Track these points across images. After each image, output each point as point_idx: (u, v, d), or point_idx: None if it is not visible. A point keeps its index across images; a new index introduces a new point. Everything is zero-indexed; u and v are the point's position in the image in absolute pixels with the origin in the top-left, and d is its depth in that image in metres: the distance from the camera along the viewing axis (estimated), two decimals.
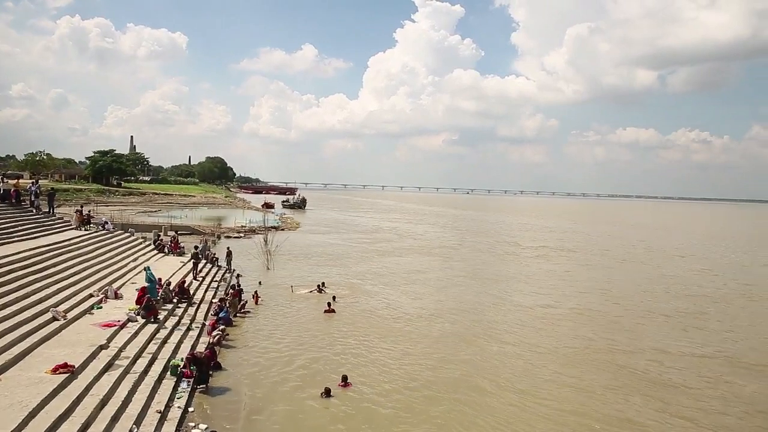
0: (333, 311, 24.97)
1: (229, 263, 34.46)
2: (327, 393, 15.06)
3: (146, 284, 20.32)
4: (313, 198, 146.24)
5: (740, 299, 32.20)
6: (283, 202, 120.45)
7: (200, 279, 28.49)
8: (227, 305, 22.78)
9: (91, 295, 20.23)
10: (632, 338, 22.59)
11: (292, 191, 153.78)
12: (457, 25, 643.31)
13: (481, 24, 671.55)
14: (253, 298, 25.95)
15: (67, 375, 12.67)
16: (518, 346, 20.58)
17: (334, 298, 27.06)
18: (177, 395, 14.10)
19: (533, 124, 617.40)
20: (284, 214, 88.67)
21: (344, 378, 16.08)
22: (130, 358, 14.99)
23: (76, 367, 13.19)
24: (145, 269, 21.66)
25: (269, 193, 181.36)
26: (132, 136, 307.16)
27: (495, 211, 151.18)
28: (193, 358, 15.36)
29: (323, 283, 29.64)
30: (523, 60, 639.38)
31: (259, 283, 30.69)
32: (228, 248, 37.03)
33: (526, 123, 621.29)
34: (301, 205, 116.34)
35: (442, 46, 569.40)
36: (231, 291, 25.39)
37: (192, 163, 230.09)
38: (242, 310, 24.04)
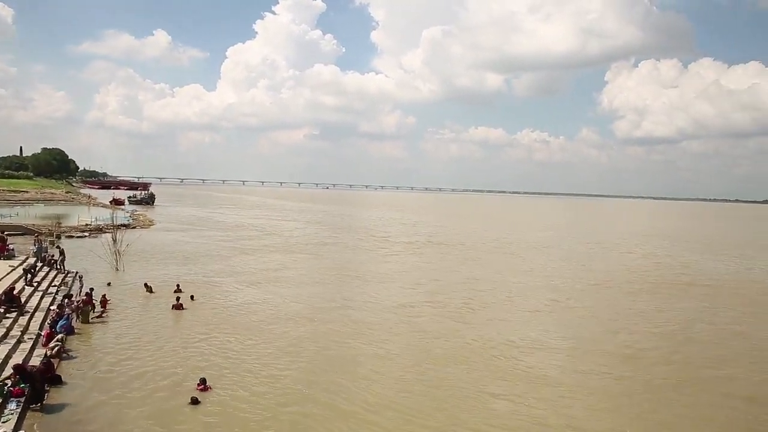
0: (181, 306, 24.33)
1: (61, 264, 31.32)
2: (194, 401, 14.28)
3: None
4: (168, 194, 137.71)
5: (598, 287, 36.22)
6: (129, 197, 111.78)
7: (35, 284, 25.46)
8: (76, 312, 20.76)
9: None
10: (498, 331, 24.28)
11: (144, 186, 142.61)
12: (318, 20, 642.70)
13: (342, 20, 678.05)
14: (101, 302, 23.75)
15: None
16: (384, 344, 20.61)
17: (192, 297, 26.02)
18: (3, 418, 12.47)
19: (392, 121, 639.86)
20: (136, 210, 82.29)
21: (203, 381, 15.41)
22: None
23: None
24: None
25: (119, 189, 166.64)
26: None
27: (358, 206, 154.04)
28: (21, 373, 13.64)
29: (178, 285, 28.07)
30: (383, 58, 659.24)
31: (108, 284, 28.34)
32: (59, 247, 33.66)
33: (385, 119, 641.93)
34: (149, 200, 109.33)
35: (303, 40, 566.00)
36: (83, 297, 23.06)
37: (24, 155, 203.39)
38: (99, 317, 22.28)
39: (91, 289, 24.50)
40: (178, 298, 25.10)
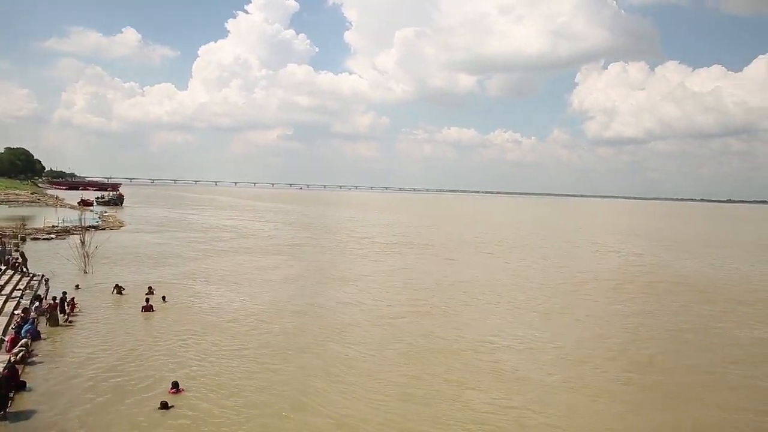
0: (151, 308, 24.10)
1: (23, 267, 30.55)
2: (164, 406, 13.99)
3: None
4: (140, 195, 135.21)
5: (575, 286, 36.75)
6: (97, 198, 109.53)
7: None
8: (44, 316, 20.30)
9: None
10: (476, 331, 24.42)
11: (114, 187, 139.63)
12: (291, 19, 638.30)
13: (315, 21, 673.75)
14: (68, 305, 23.16)
15: None
16: (360, 346, 20.42)
17: (164, 298, 25.73)
18: None
19: (366, 121, 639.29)
20: (105, 212, 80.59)
21: (175, 384, 15.18)
22: None
23: None
24: None
25: (87, 189, 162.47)
26: None
27: (332, 207, 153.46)
28: None
29: (150, 288, 27.61)
30: (356, 58, 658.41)
31: (76, 287, 27.72)
32: (20, 250, 32.77)
33: (359, 120, 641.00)
34: (117, 201, 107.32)
35: (276, 39, 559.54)
36: (51, 301, 22.46)
37: None
38: (68, 321, 21.86)
39: (64, 293, 23.91)
40: (147, 300, 24.79)
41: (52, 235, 50.54)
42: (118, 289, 27.06)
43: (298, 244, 53.67)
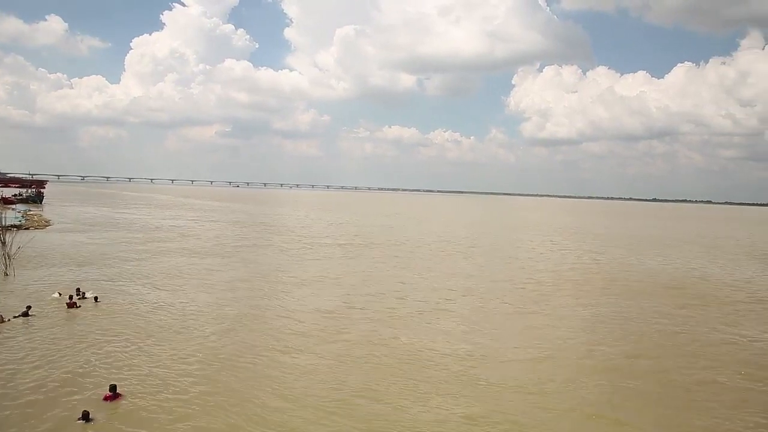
0: (75, 305, 23.38)
1: None
2: (85, 417, 13.22)
3: None
4: (68, 192, 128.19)
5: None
6: (15, 195, 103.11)
7: None
8: None
9: None
10: (426, 335, 24.44)
11: (40, 184, 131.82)
12: (230, 14, 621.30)
13: (254, 16, 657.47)
14: None
15: None
16: (302, 353, 19.75)
17: (95, 298, 24.86)
18: None
19: (307, 119, 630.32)
20: (29, 210, 75.87)
21: (113, 388, 14.53)
22: None
23: None
24: None
25: (8, 186, 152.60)
26: None
27: (274, 205, 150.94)
28: None
29: (78, 289, 26.22)
30: (297, 55, 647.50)
31: None
32: None
33: (300, 117, 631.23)
34: (36, 199, 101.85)
35: (215, 34, 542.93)
36: None
37: None
38: None
39: None
40: (71, 297, 23.89)
41: None
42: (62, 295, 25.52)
43: (240, 245, 52.16)
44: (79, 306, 23.38)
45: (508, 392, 16.46)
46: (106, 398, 14.34)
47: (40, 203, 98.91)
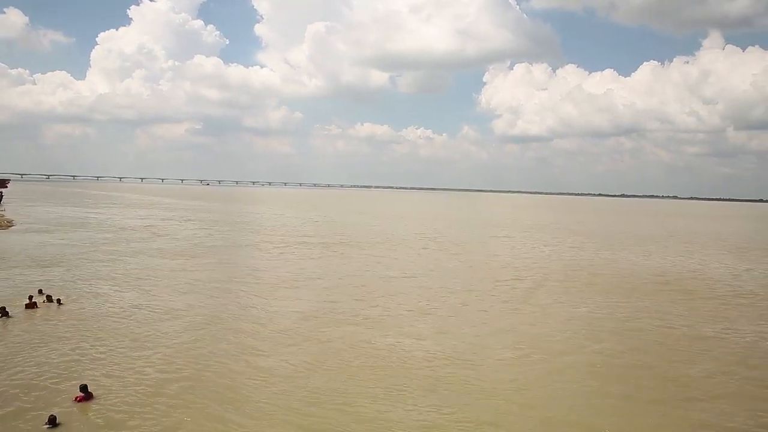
0: (35, 305, 22.66)
1: None
2: (52, 421, 12.42)
3: None
4: (32, 191, 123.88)
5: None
6: None
7: None
8: None
9: None
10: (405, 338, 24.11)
11: (1, 183, 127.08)
12: (199, 9, 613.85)
13: (224, 12, 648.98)
14: None
15: None
16: (272, 357, 18.77)
17: (59, 301, 23.86)
18: None
19: (279, 116, 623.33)
20: None
21: (83, 388, 13.89)
22: None
23: None
24: None
25: None
26: None
27: (247, 204, 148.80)
28: None
29: (41, 290, 25.13)
30: (268, 52, 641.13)
31: None
32: None
33: (271, 114, 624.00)
34: None
35: (184, 29, 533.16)
36: None
37: None
38: None
39: None
40: (31, 297, 23.10)
41: None
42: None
43: (212, 245, 50.71)
44: (39, 307, 22.34)
45: (490, 394, 16.14)
46: (77, 399, 13.70)
47: None
